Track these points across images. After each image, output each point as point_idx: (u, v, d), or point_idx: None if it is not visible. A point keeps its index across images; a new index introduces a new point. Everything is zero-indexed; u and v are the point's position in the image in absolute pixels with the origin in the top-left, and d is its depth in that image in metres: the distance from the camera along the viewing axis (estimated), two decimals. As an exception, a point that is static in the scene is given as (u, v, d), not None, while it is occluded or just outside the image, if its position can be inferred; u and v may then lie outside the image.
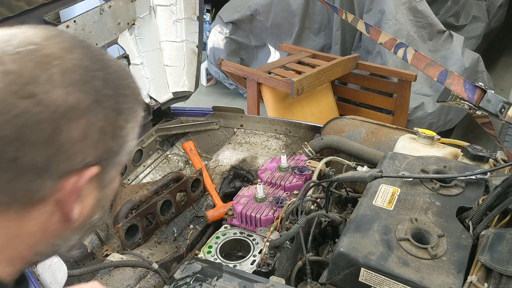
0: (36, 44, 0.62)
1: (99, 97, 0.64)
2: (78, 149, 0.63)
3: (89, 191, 0.70)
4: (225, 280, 1.25)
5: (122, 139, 0.69)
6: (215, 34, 4.70)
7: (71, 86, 0.61)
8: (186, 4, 2.32)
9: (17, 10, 1.64)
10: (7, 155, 0.59)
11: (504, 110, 1.26)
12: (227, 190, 2.09)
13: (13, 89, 0.58)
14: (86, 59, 0.64)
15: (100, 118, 0.64)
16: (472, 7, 4.54)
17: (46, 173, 0.62)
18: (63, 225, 0.69)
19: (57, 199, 0.65)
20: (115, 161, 0.70)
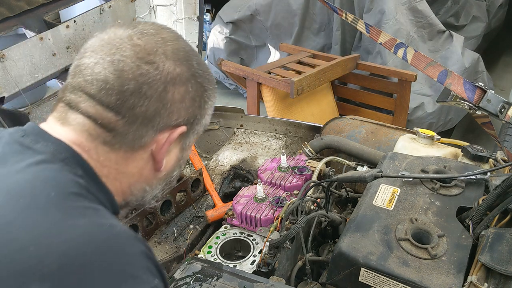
0: (155, 31, 0.84)
1: (195, 73, 0.85)
2: (176, 109, 0.83)
3: (174, 149, 0.89)
4: (225, 280, 1.25)
5: (204, 111, 0.89)
6: (215, 34, 4.70)
7: (178, 61, 0.83)
8: (186, 4, 2.32)
9: (17, 10, 1.64)
10: (127, 103, 0.78)
11: (504, 110, 1.26)
12: (227, 190, 2.09)
13: (139, 56, 0.79)
14: (187, 46, 0.87)
15: (193, 89, 0.85)
16: (472, 7, 4.54)
17: (151, 123, 0.81)
18: (153, 174, 0.88)
19: (153, 149, 0.84)
20: (195, 128, 0.90)
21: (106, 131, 0.79)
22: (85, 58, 0.82)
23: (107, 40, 0.82)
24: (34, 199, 0.69)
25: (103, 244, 0.67)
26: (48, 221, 0.67)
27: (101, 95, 0.78)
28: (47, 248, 0.63)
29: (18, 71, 1.62)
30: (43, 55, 1.71)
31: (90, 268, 0.64)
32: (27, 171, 0.73)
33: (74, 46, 1.85)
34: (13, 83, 1.61)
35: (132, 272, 0.67)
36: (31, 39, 1.66)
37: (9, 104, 1.63)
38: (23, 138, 0.79)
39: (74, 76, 0.82)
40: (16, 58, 1.60)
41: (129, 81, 0.77)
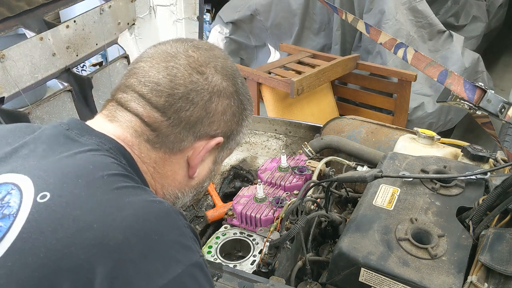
0: (208, 47, 0.92)
1: (238, 90, 0.92)
2: (217, 120, 0.89)
3: (208, 161, 0.95)
4: (225, 280, 1.24)
5: (240, 127, 0.95)
6: (215, 34, 4.69)
7: (225, 76, 0.90)
8: (186, 4, 2.32)
9: (17, 10, 1.64)
10: (175, 106, 0.84)
11: (504, 110, 1.26)
12: (227, 190, 2.09)
13: (192, 65, 0.86)
14: (234, 66, 0.95)
15: (235, 104, 0.92)
16: (472, 7, 4.54)
17: (192, 129, 0.87)
18: (186, 180, 0.93)
19: (189, 155, 0.90)
20: (230, 143, 0.95)
21: (151, 130, 0.85)
22: (142, 62, 0.88)
23: (164, 50, 0.89)
24: (92, 179, 0.74)
25: (158, 218, 0.73)
26: (108, 199, 0.72)
27: (151, 95, 0.84)
28: (111, 224, 0.69)
29: (18, 71, 1.62)
30: (43, 55, 1.71)
31: (151, 239, 0.70)
32: (77, 157, 0.78)
33: (74, 46, 1.85)
34: (13, 83, 1.61)
35: (185, 243, 0.74)
36: (31, 39, 1.66)
37: (9, 104, 1.63)
38: (68, 131, 0.83)
39: (128, 77, 0.89)
40: (16, 58, 1.60)
41: (179, 86, 0.84)
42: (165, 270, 0.69)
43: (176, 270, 0.70)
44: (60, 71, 1.81)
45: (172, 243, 0.73)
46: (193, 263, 0.73)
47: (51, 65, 1.76)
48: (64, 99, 1.84)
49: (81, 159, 0.77)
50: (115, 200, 0.72)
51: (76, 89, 1.88)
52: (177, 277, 0.70)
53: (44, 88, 4.18)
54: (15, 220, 0.68)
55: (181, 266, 0.71)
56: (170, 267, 0.70)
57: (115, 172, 0.77)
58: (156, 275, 0.68)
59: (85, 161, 0.77)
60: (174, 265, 0.71)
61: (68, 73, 1.86)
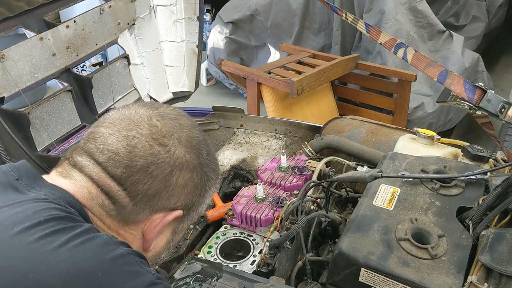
0: (174, 116, 0.88)
1: (203, 162, 0.88)
2: (176, 193, 0.84)
3: (166, 233, 0.90)
4: (225, 280, 1.24)
5: (202, 199, 0.91)
6: (215, 34, 4.69)
7: (190, 148, 0.86)
8: (186, 4, 2.32)
9: (17, 10, 1.64)
10: (132, 178, 0.80)
11: (504, 110, 1.26)
12: (227, 190, 2.09)
13: (154, 136, 0.82)
14: (201, 135, 0.91)
15: (198, 177, 0.87)
16: (472, 7, 4.54)
17: (149, 202, 0.82)
18: (141, 251, 0.84)
19: (143, 228, 0.85)
20: (191, 215, 0.91)
21: (106, 197, 0.81)
22: (102, 127, 0.84)
23: (127, 115, 0.85)
24: (28, 226, 0.70)
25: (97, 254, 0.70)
26: (42, 245, 0.68)
27: (108, 164, 0.80)
28: (47, 272, 0.65)
29: (18, 71, 1.62)
30: (43, 55, 1.71)
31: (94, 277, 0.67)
32: (19, 205, 0.74)
33: (74, 46, 1.85)
34: (13, 83, 1.61)
35: (132, 269, 0.72)
36: (31, 39, 1.66)
37: (9, 104, 1.63)
38: (17, 181, 0.79)
39: (87, 141, 0.84)
40: (16, 58, 1.60)
41: (139, 158, 0.80)
42: None
43: None
44: (60, 71, 1.82)
45: (119, 274, 0.70)
46: (147, 284, 0.72)
47: (51, 65, 1.76)
48: (64, 99, 1.84)
49: (22, 206, 0.74)
50: (50, 244, 0.68)
51: (76, 89, 1.88)
52: None
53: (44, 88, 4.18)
54: None
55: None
56: None
57: (53, 216, 0.73)
58: None
59: (25, 208, 0.73)
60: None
61: (68, 73, 1.86)
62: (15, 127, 1.59)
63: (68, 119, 1.87)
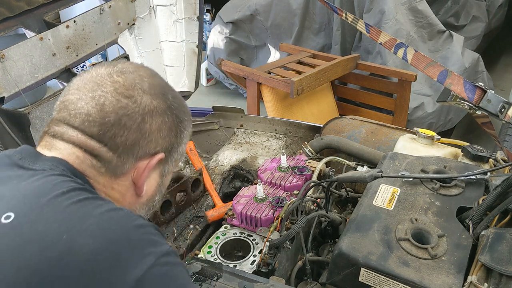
0: (133, 69, 0.92)
1: (170, 105, 0.93)
2: (154, 138, 0.90)
3: (154, 176, 0.96)
4: (225, 280, 1.25)
5: (180, 139, 0.97)
6: (215, 34, 4.69)
7: (155, 95, 0.90)
8: (186, 4, 2.32)
9: (17, 10, 1.64)
10: (109, 133, 0.85)
11: (504, 110, 1.26)
12: (227, 190, 2.09)
13: (118, 91, 0.87)
14: (163, 81, 0.96)
15: (170, 120, 0.92)
16: (472, 7, 4.54)
17: (131, 152, 0.88)
18: (135, 199, 0.95)
19: (133, 176, 0.91)
20: (173, 156, 0.97)
21: (92, 157, 0.87)
22: (70, 95, 0.89)
23: (89, 78, 0.89)
24: (52, 196, 0.76)
25: (122, 222, 0.78)
26: (71, 212, 0.75)
27: (84, 126, 0.86)
28: (78, 234, 0.72)
29: (18, 71, 1.62)
30: (43, 55, 1.71)
31: (118, 240, 0.74)
32: (35, 178, 0.80)
33: (74, 46, 1.85)
34: (13, 83, 1.61)
35: (151, 238, 0.78)
36: (31, 39, 1.66)
37: (9, 104, 1.63)
38: (21, 160, 0.85)
39: (59, 111, 0.89)
40: (16, 58, 1.60)
41: (110, 113, 0.85)
42: (139, 264, 0.73)
43: (149, 261, 0.74)
44: (60, 71, 1.81)
45: (139, 240, 0.77)
46: (164, 252, 0.78)
47: (51, 65, 1.76)
48: (64, 99, 1.83)
49: (39, 180, 0.80)
50: (78, 212, 0.75)
51: (76, 89, 1.88)
52: (153, 266, 0.74)
53: (44, 88, 4.18)
54: None
55: (153, 257, 0.75)
56: (143, 260, 0.74)
57: (73, 187, 0.79)
58: (131, 269, 0.72)
59: (44, 182, 0.79)
60: (146, 257, 0.74)
61: (68, 73, 1.86)
62: (15, 127, 1.59)
63: (68, 119, 1.86)
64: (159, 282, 0.75)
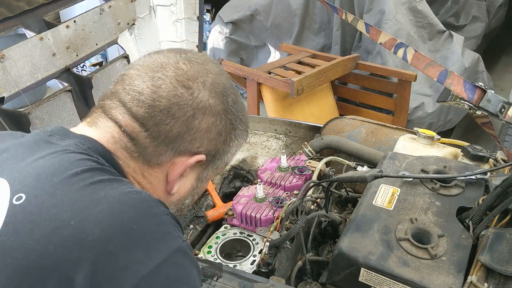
0: (202, 61, 0.89)
1: (227, 109, 0.89)
2: (199, 137, 0.85)
3: (190, 178, 0.92)
4: (225, 280, 1.25)
5: (227, 148, 0.92)
6: (215, 34, 4.69)
7: (214, 93, 0.86)
8: (186, 4, 2.32)
9: (17, 10, 1.64)
10: (154, 119, 0.82)
11: (504, 110, 1.26)
12: (227, 190, 2.09)
13: (179, 78, 0.84)
14: (228, 82, 0.91)
15: (222, 123, 0.88)
16: (472, 7, 4.54)
17: (172, 144, 0.84)
18: (165, 195, 0.91)
19: (168, 171, 0.87)
20: (215, 163, 0.92)
21: (129, 139, 0.83)
22: (132, 69, 0.87)
23: (156, 59, 0.87)
24: (66, 176, 0.74)
25: (135, 208, 0.73)
26: (83, 195, 0.72)
27: (132, 104, 0.83)
28: (87, 220, 0.69)
29: (18, 71, 1.62)
30: (43, 55, 1.71)
31: (129, 230, 0.70)
32: (52, 156, 0.78)
33: (74, 46, 1.85)
34: (13, 83, 1.61)
35: (165, 230, 0.74)
36: (31, 39, 1.66)
37: (9, 104, 1.63)
38: (50, 137, 0.83)
39: (116, 83, 0.87)
40: (16, 58, 1.60)
41: (162, 98, 0.82)
42: (147, 260, 0.69)
43: (158, 258, 0.70)
44: (60, 71, 1.81)
45: (151, 232, 0.72)
46: (176, 249, 0.73)
47: (51, 65, 1.76)
48: (64, 99, 1.84)
49: (56, 157, 0.77)
50: (90, 195, 0.72)
51: (76, 89, 1.88)
52: (160, 265, 0.70)
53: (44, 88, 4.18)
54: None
55: (163, 254, 0.71)
56: (152, 256, 0.70)
57: (90, 166, 0.76)
58: (138, 265, 0.68)
59: (60, 160, 0.77)
60: (156, 253, 0.71)
61: (68, 73, 1.86)
62: (15, 127, 1.59)
63: (68, 119, 1.86)
64: (164, 283, 0.70)
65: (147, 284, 0.68)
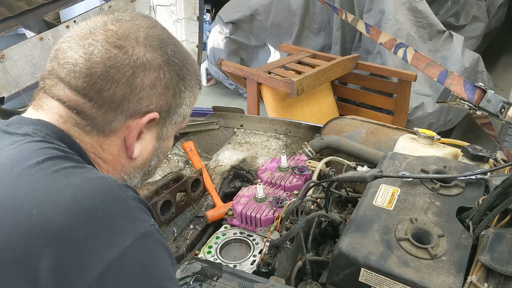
0: (130, 18, 0.86)
1: (168, 60, 0.84)
2: (146, 95, 0.82)
3: (149, 138, 0.89)
4: (225, 280, 1.24)
5: (180, 100, 0.88)
6: (215, 34, 4.69)
7: (150, 47, 0.82)
8: (186, 4, 2.33)
9: (17, 10, 1.64)
10: (95, 86, 0.78)
11: (504, 110, 1.26)
12: (227, 190, 2.09)
13: (109, 40, 0.80)
14: (164, 34, 0.87)
15: (166, 76, 0.84)
16: (472, 7, 4.54)
17: (120, 108, 0.80)
18: (129, 161, 0.88)
19: (124, 136, 0.84)
20: (172, 118, 0.89)
21: (75, 113, 0.80)
22: (63, 43, 0.83)
23: (84, 26, 0.84)
24: (27, 166, 0.72)
25: (100, 194, 0.71)
26: (44, 184, 0.70)
27: (70, 77, 0.79)
28: (50, 208, 0.67)
29: (18, 71, 1.63)
30: (43, 55, 1.71)
31: (93, 217, 0.68)
32: (13, 146, 0.76)
33: (74, 46, 1.85)
34: (13, 83, 1.61)
35: (131, 215, 0.72)
36: (31, 39, 1.66)
37: (9, 104, 1.63)
38: (7, 127, 0.81)
39: (51, 60, 0.84)
40: (16, 58, 1.61)
41: (96, 64, 0.78)
42: (113, 245, 0.68)
43: (125, 243, 0.69)
44: (60, 71, 1.81)
45: (117, 217, 0.71)
46: (143, 233, 0.71)
47: (51, 65, 1.76)
48: (64, 99, 1.83)
49: (16, 148, 0.75)
50: (52, 184, 0.70)
51: (76, 89, 1.88)
52: (127, 250, 0.68)
53: (44, 88, 4.17)
54: None
55: (129, 238, 0.69)
56: (118, 241, 0.68)
57: (51, 155, 0.74)
58: (103, 251, 0.67)
59: (20, 150, 0.75)
60: (122, 238, 0.69)
61: (68, 73, 1.86)
62: (15, 127, 1.59)
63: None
64: (133, 268, 0.69)
65: (114, 270, 0.67)
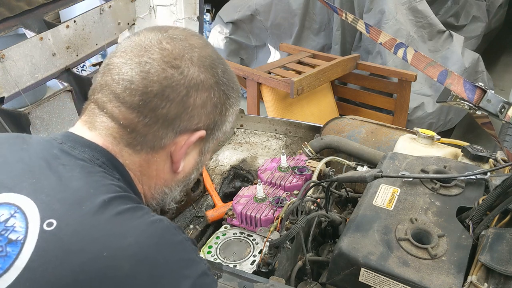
0: (184, 36, 0.87)
1: (218, 80, 0.88)
2: (197, 114, 0.86)
3: (193, 154, 0.93)
4: (225, 280, 1.24)
5: (224, 118, 0.92)
6: (215, 34, 4.69)
7: (203, 68, 0.86)
8: (186, 4, 2.32)
9: (17, 10, 1.64)
10: (150, 104, 0.81)
11: (504, 110, 1.26)
12: (227, 190, 2.09)
13: (165, 59, 0.82)
14: (214, 54, 0.90)
15: (216, 95, 0.88)
16: (472, 7, 4.54)
17: (171, 126, 0.84)
18: (172, 175, 0.92)
19: (172, 151, 0.87)
20: (215, 134, 0.93)
21: (128, 133, 0.83)
22: (115, 57, 0.85)
23: (137, 42, 0.85)
24: (94, 205, 0.74)
25: (161, 239, 0.75)
26: (111, 228, 0.73)
27: (125, 94, 0.81)
28: (116, 253, 0.70)
29: (18, 71, 1.62)
30: (43, 55, 1.71)
31: (157, 263, 0.72)
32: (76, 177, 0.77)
33: (74, 46, 1.85)
34: (13, 83, 1.61)
35: (189, 257, 0.77)
36: (31, 39, 1.66)
37: (9, 104, 1.63)
38: (61, 145, 0.83)
39: (103, 74, 0.86)
40: (16, 58, 1.60)
41: (153, 83, 0.81)
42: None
43: (186, 285, 0.73)
44: (60, 71, 1.82)
45: (177, 261, 0.74)
46: (200, 274, 0.76)
47: (51, 65, 1.76)
48: (64, 99, 1.84)
49: (80, 180, 0.77)
50: (119, 227, 0.73)
51: (76, 89, 1.88)
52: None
53: (44, 88, 4.18)
54: (23, 248, 0.68)
55: (190, 280, 0.74)
56: (180, 284, 0.73)
57: (115, 195, 0.77)
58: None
59: (85, 184, 0.77)
60: (183, 281, 0.73)
61: (68, 73, 1.86)
62: (15, 127, 1.59)
63: (68, 119, 1.87)
64: None
65: None
